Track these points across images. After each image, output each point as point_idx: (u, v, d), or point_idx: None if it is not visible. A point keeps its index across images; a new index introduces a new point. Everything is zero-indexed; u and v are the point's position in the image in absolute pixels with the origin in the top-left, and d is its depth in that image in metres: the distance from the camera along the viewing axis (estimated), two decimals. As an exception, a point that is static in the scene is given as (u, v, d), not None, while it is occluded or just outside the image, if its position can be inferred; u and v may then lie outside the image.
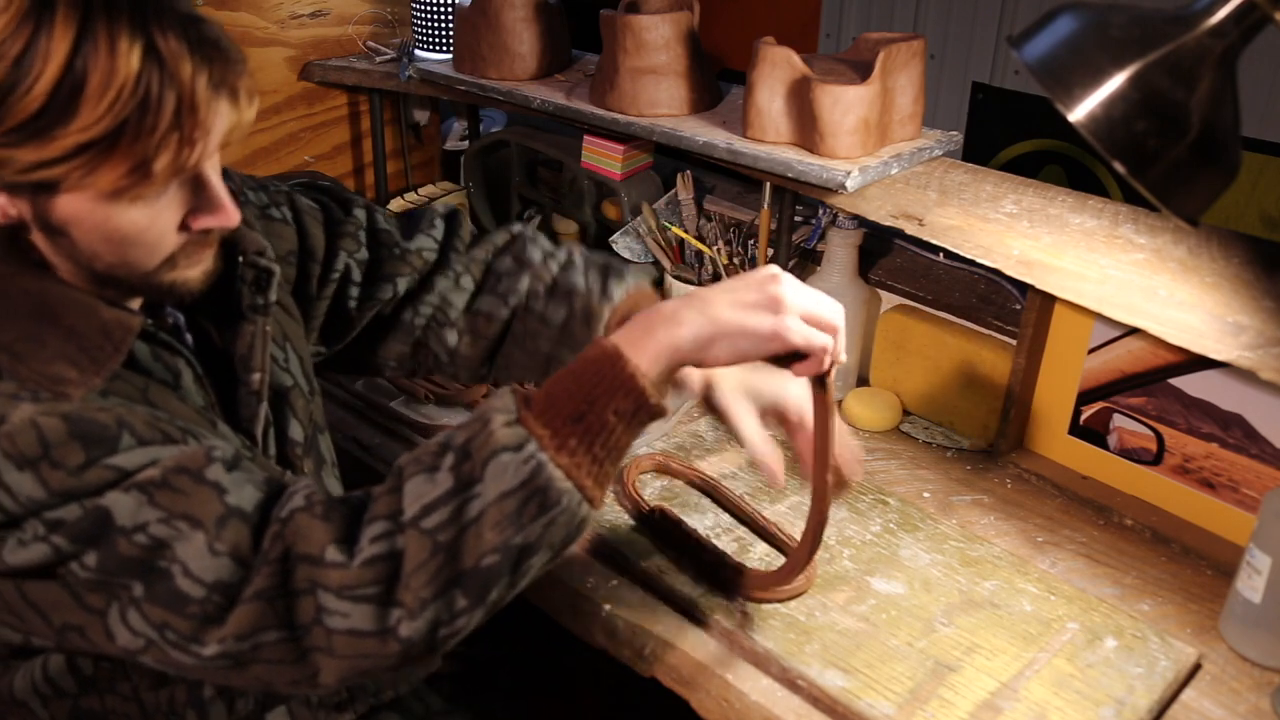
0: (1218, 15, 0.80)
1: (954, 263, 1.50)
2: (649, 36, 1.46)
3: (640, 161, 1.73)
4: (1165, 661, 1.00)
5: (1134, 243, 1.19)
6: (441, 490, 0.74)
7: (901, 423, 1.44)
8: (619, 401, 0.76)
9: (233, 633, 0.74)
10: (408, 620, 0.74)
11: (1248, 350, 1.03)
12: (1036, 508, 1.27)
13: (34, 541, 0.73)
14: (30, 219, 0.75)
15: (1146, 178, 0.81)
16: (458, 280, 1.10)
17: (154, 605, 0.74)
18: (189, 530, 0.74)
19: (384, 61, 1.85)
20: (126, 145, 0.70)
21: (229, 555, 0.75)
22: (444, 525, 0.74)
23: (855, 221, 1.42)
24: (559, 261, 1.10)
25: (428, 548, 0.74)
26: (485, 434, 0.75)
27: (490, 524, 0.74)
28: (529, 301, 1.07)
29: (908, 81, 1.37)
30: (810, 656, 1.00)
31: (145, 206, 0.75)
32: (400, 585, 0.74)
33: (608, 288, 1.06)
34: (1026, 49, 0.85)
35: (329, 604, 0.74)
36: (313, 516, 0.76)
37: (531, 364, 1.08)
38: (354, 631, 0.74)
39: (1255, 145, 2.09)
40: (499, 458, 0.74)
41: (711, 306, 0.80)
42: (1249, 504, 1.17)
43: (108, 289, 0.82)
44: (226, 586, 0.74)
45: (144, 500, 0.74)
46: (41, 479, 0.72)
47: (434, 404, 1.43)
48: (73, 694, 0.90)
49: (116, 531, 0.74)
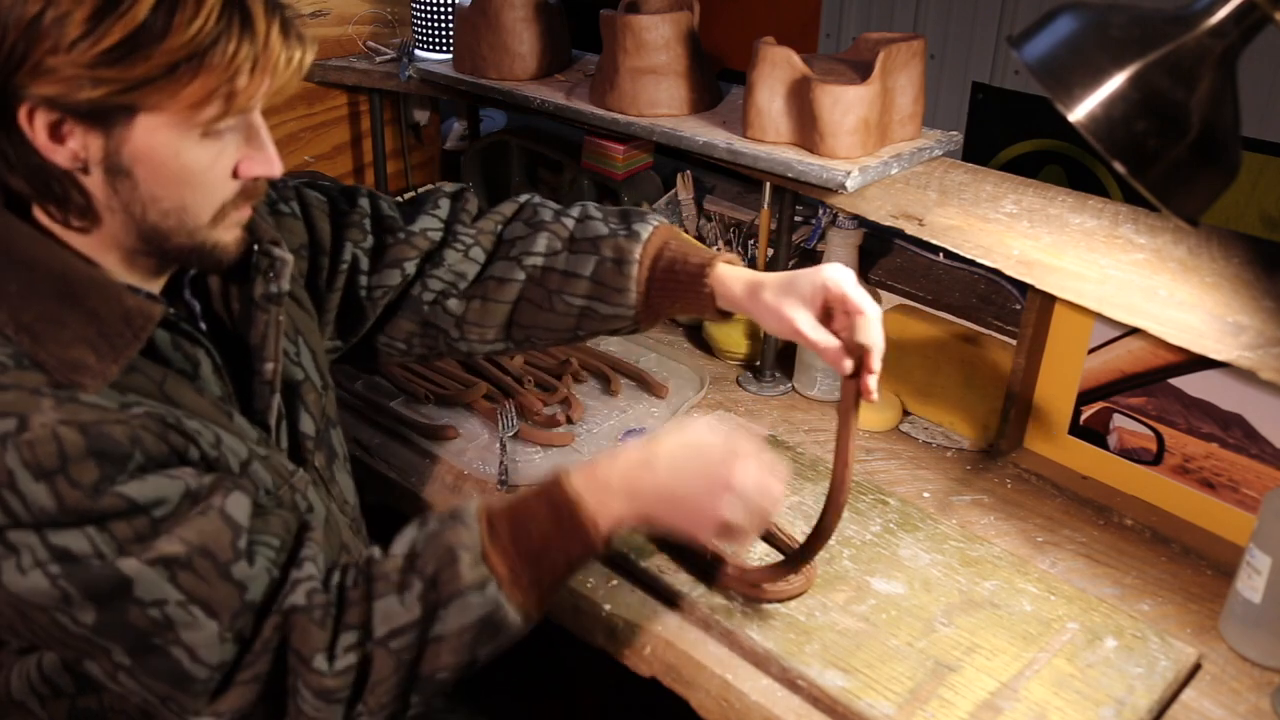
0: (1218, 15, 0.80)
1: (954, 263, 1.50)
2: (649, 36, 1.46)
3: (640, 161, 1.74)
4: (1165, 661, 1.00)
5: (1134, 243, 1.19)
6: (409, 619, 0.83)
7: (901, 423, 1.44)
8: (572, 547, 0.86)
9: (229, 708, 0.81)
10: (367, 716, 0.84)
11: (1248, 350, 1.03)
12: (1036, 508, 1.27)
13: (35, 569, 0.74)
14: (99, 159, 0.76)
15: (1146, 178, 0.81)
16: (467, 252, 1.11)
17: (154, 679, 0.79)
18: (204, 619, 0.78)
19: (384, 61, 1.85)
20: (210, 66, 0.74)
21: (234, 641, 0.80)
22: (408, 648, 0.83)
23: (855, 221, 1.42)
24: (574, 216, 1.12)
25: (392, 665, 0.83)
26: (452, 571, 0.84)
27: (448, 649, 0.84)
28: (549, 260, 1.09)
29: (908, 81, 1.37)
30: (810, 656, 1.00)
31: (210, 144, 0.79)
32: (366, 691, 0.83)
33: (632, 227, 1.08)
34: (1026, 49, 0.85)
35: (307, 698, 0.82)
36: (310, 620, 0.82)
37: (561, 323, 1.10)
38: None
39: (1255, 145, 2.09)
40: (463, 599, 0.83)
41: (668, 479, 0.88)
42: (1249, 504, 1.17)
43: (143, 258, 0.84)
44: (226, 666, 0.80)
45: (166, 577, 0.77)
46: (56, 493, 0.73)
47: (434, 404, 1.43)
48: (70, 693, 0.90)
49: (132, 601, 0.76)
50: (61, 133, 0.75)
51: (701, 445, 0.89)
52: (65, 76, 0.71)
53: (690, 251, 1.07)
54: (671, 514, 0.88)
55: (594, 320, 1.09)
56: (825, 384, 1.48)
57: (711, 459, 0.88)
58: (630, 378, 1.50)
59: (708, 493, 0.87)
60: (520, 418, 1.38)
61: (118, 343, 0.79)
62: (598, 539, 0.87)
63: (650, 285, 1.07)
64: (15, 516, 0.73)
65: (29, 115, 0.74)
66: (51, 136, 0.75)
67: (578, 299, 1.08)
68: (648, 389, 1.48)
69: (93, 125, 0.75)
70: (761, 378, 1.52)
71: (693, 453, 0.89)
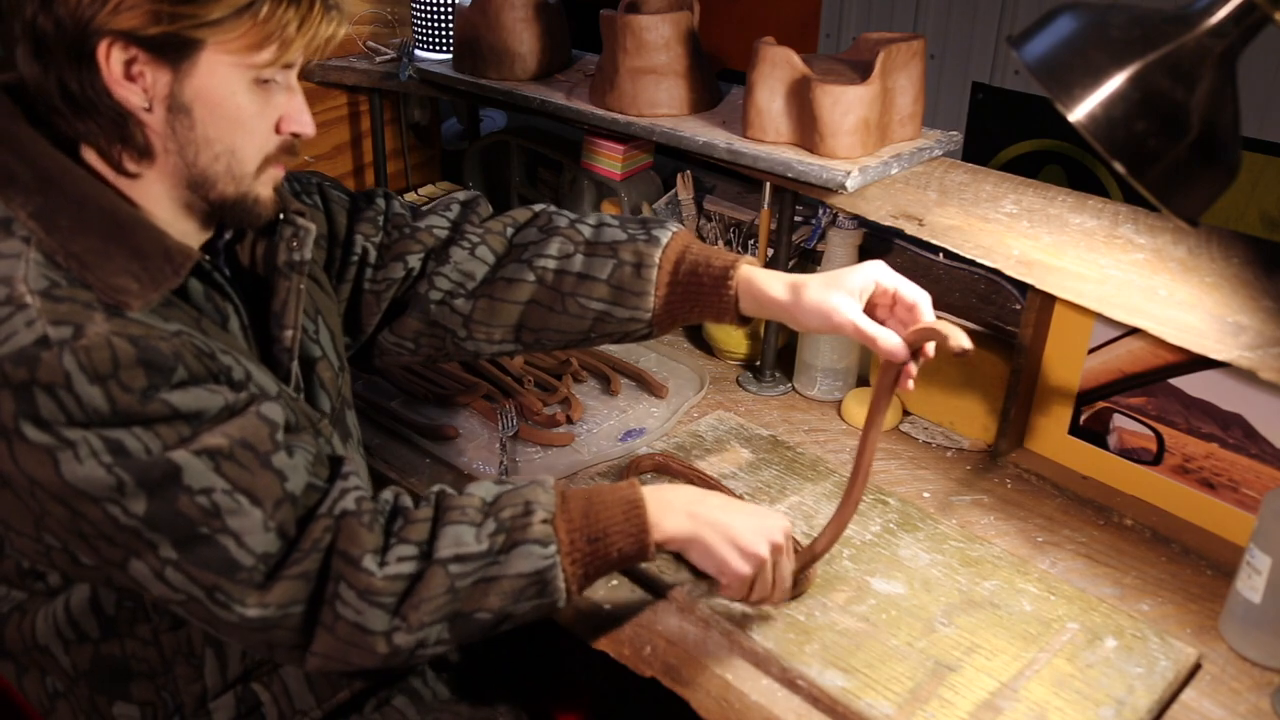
0: (1218, 15, 0.80)
1: (954, 263, 1.50)
2: (649, 36, 1.46)
3: (640, 161, 1.74)
4: (1165, 661, 1.00)
5: (1134, 243, 1.19)
6: (478, 549, 0.89)
7: (901, 423, 1.44)
8: (626, 543, 0.93)
9: (275, 600, 0.85)
10: (404, 633, 0.87)
11: (1248, 350, 1.03)
12: (1036, 508, 1.27)
13: (90, 458, 0.78)
14: (164, 96, 0.83)
15: (1146, 178, 0.81)
16: (474, 250, 1.14)
17: (202, 569, 0.83)
18: (249, 506, 0.83)
19: (384, 61, 1.85)
20: (270, 12, 0.82)
21: (277, 532, 0.85)
22: (465, 575, 0.88)
23: (855, 221, 1.42)
24: (590, 223, 1.15)
25: (444, 586, 0.87)
26: (525, 520, 0.90)
27: (498, 591, 0.89)
28: (562, 263, 1.11)
29: (908, 81, 1.37)
30: (810, 656, 1.00)
31: (259, 93, 0.87)
32: (409, 604, 0.87)
33: (652, 233, 1.11)
34: (1026, 49, 0.85)
35: (348, 598, 0.86)
36: (360, 524, 0.88)
37: (575, 325, 1.12)
38: (359, 626, 0.86)
39: (1255, 145, 2.09)
40: (528, 546, 0.89)
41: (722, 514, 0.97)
42: (1249, 504, 1.17)
43: (186, 210, 0.90)
44: (270, 559, 0.85)
45: (212, 467, 0.82)
46: (109, 395, 0.79)
47: (434, 404, 1.43)
48: (94, 638, 0.95)
49: (181, 489, 0.81)
50: (133, 71, 0.82)
51: (755, 518, 0.99)
52: (147, 10, 0.79)
53: (713, 255, 1.09)
54: (719, 544, 0.96)
55: (609, 323, 1.11)
56: (825, 384, 1.48)
57: (762, 513, 1.00)
58: (630, 378, 1.50)
59: (755, 533, 0.98)
60: (520, 418, 1.38)
61: (158, 275, 0.85)
62: (650, 543, 0.94)
63: (671, 290, 1.09)
64: (71, 415, 0.78)
65: (107, 52, 0.80)
66: (124, 74, 0.82)
67: (594, 302, 1.10)
68: (648, 389, 1.48)
69: (162, 61, 0.82)
70: (761, 378, 1.52)
71: (747, 506, 1.02)
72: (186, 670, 0.98)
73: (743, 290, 1.06)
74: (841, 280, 1.01)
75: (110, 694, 0.98)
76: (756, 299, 1.05)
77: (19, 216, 0.83)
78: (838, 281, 1.01)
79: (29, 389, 0.77)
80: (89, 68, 0.81)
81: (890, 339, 0.98)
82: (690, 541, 0.97)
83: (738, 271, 1.06)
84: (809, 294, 1.01)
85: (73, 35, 0.80)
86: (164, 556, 0.82)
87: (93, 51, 0.80)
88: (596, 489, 0.95)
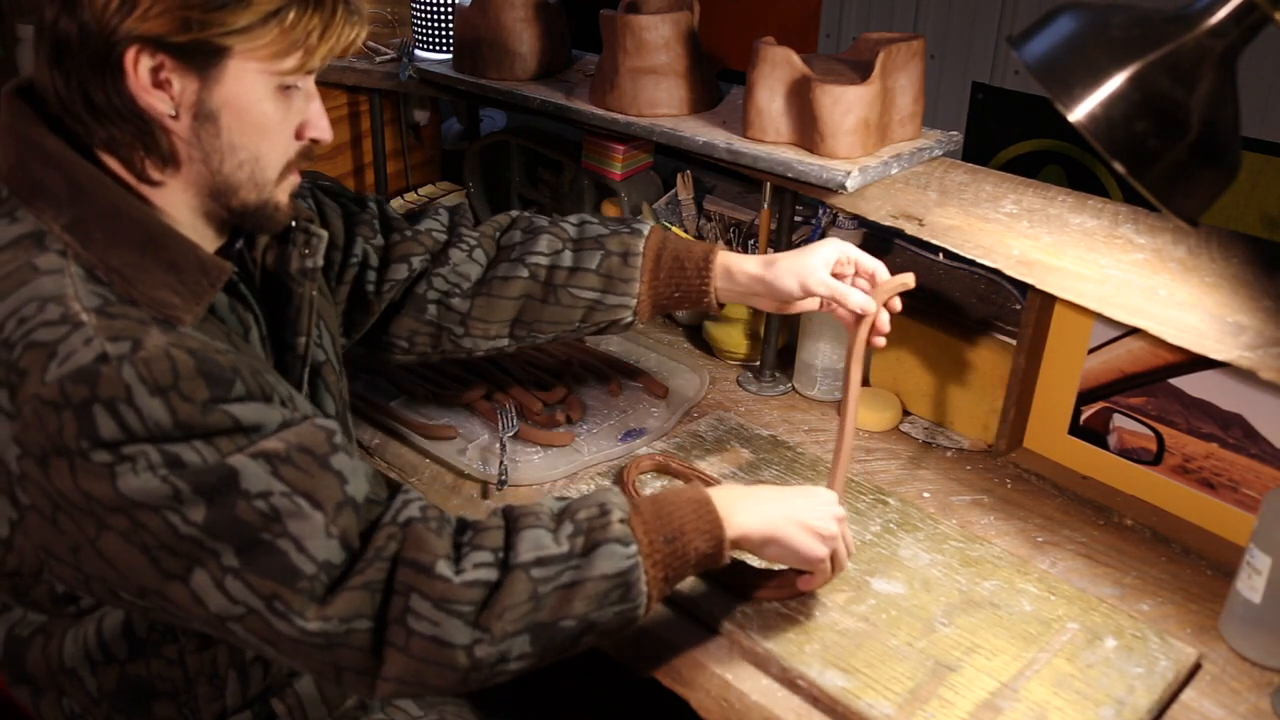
0: (1218, 15, 0.80)
1: (954, 263, 1.50)
2: (649, 36, 1.46)
3: (640, 161, 1.73)
4: (1165, 661, 1.00)
5: (1134, 243, 1.19)
6: (560, 551, 0.86)
7: (901, 423, 1.44)
8: (702, 541, 0.91)
9: (337, 613, 0.80)
10: (487, 645, 0.82)
11: (1248, 350, 1.03)
12: (1036, 508, 1.27)
13: (146, 471, 0.76)
14: (191, 104, 0.83)
15: (1146, 178, 0.81)
16: (471, 253, 1.20)
17: (262, 577, 0.79)
18: (310, 509, 0.80)
19: (384, 61, 1.85)
20: (296, 19, 0.83)
21: (339, 540, 0.81)
22: (549, 580, 0.84)
23: (855, 221, 1.42)
24: (572, 221, 1.22)
25: (528, 593, 0.83)
26: (604, 520, 0.88)
27: (582, 596, 0.85)
28: (554, 259, 1.18)
29: (908, 81, 1.37)
30: (810, 656, 1.00)
31: (282, 100, 0.87)
32: (490, 613, 0.83)
33: (632, 226, 1.21)
34: (1026, 49, 0.85)
35: (422, 610, 0.81)
36: (428, 530, 0.84)
37: (567, 316, 1.19)
38: (437, 640, 0.81)
39: (1255, 145, 2.09)
40: (610, 546, 0.86)
41: (783, 504, 0.97)
42: (1249, 504, 1.17)
43: (206, 218, 0.90)
44: (333, 568, 0.81)
45: (269, 470, 0.80)
46: (170, 407, 0.77)
47: (434, 404, 1.43)
48: (121, 659, 0.93)
49: (239, 494, 0.78)
50: (160, 78, 0.81)
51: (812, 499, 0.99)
52: (177, 17, 0.78)
53: (692, 244, 1.19)
54: (797, 535, 0.96)
55: (599, 312, 1.19)
56: (825, 384, 1.48)
57: (809, 491, 1.00)
58: (630, 378, 1.50)
59: (820, 512, 0.98)
60: (520, 418, 1.38)
61: (195, 289, 0.85)
62: (725, 541, 0.92)
63: (655, 276, 1.18)
64: (132, 431, 0.76)
65: (135, 59, 0.79)
66: (151, 81, 0.81)
67: (586, 291, 1.18)
68: (648, 389, 1.48)
69: (190, 68, 0.81)
70: (761, 378, 1.52)
71: (792, 489, 1.01)
72: (208, 690, 0.95)
73: (720, 274, 1.17)
74: (810, 252, 1.14)
75: (131, 714, 0.95)
76: (733, 278, 1.17)
77: (52, 229, 0.82)
78: (807, 253, 1.14)
79: (89, 408, 0.75)
80: (114, 74, 0.80)
81: (860, 295, 1.12)
82: (768, 539, 0.95)
83: (717, 257, 1.17)
84: (783, 264, 1.14)
85: (98, 41, 0.79)
86: (225, 565, 0.78)
87: (120, 58, 0.79)
88: (661, 493, 0.94)
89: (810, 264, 1.12)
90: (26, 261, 0.81)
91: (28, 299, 0.79)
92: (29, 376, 0.77)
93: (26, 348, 0.77)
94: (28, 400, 0.76)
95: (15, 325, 0.78)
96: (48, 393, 0.76)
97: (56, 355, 0.77)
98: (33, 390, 0.76)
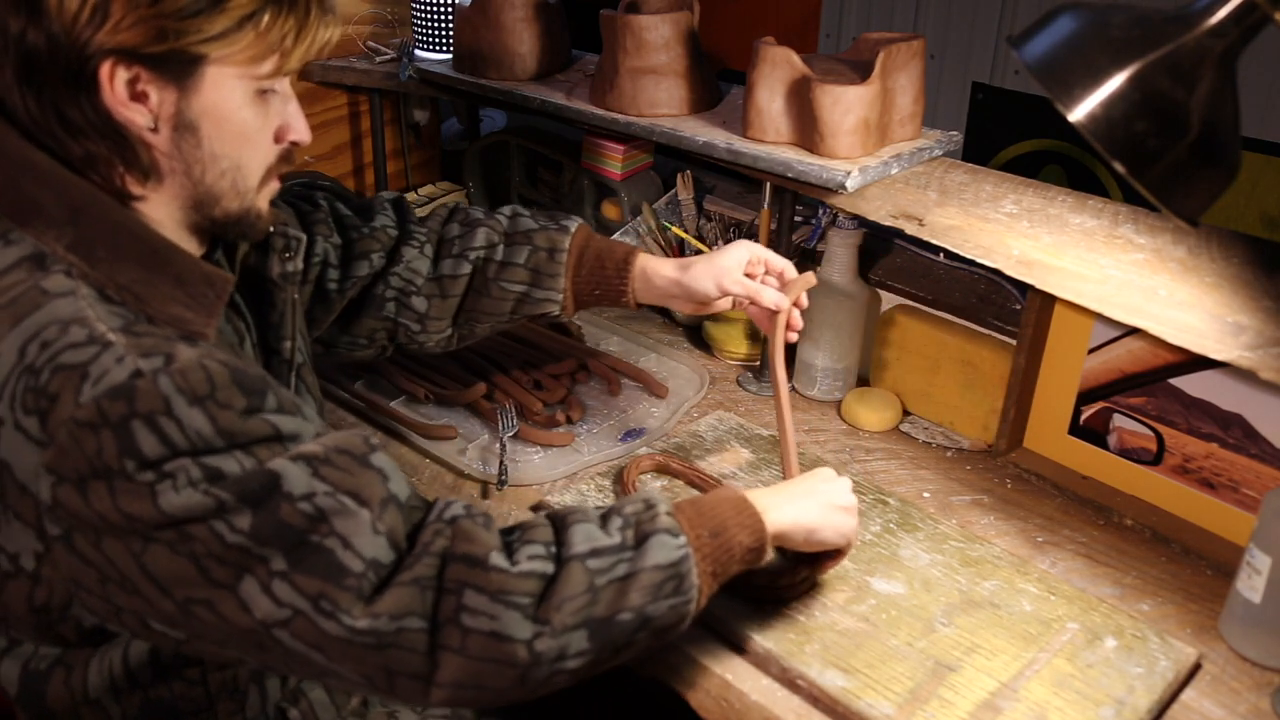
0: (1218, 15, 0.80)
1: (954, 263, 1.50)
2: (649, 36, 1.46)
3: (640, 161, 1.74)
4: (1165, 661, 1.00)
5: (1134, 243, 1.19)
6: (613, 542, 0.85)
7: (901, 423, 1.44)
8: (744, 535, 0.91)
9: (386, 610, 0.76)
10: (548, 638, 0.79)
11: (1248, 350, 1.03)
12: (1036, 508, 1.27)
13: (187, 487, 0.74)
14: (170, 115, 0.82)
15: (1146, 178, 0.81)
16: (422, 249, 1.22)
17: (309, 576, 0.76)
18: (355, 507, 0.78)
19: (384, 61, 1.85)
20: (271, 22, 0.82)
21: (386, 537, 0.79)
22: (604, 571, 0.82)
23: (855, 221, 1.42)
24: (505, 214, 1.26)
25: (585, 584, 0.81)
26: (651, 513, 0.87)
27: (637, 587, 0.83)
28: (489, 252, 1.22)
29: (908, 81, 1.37)
30: (810, 656, 1.00)
31: (261, 105, 0.86)
32: (549, 604, 0.80)
33: (560, 223, 1.24)
34: (1026, 49, 0.85)
35: (478, 605, 0.78)
36: (475, 524, 0.82)
37: (498, 308, 1.23)
38: (496, 635, 0.78)
39: (1255, 145, 2.09)
40: (661, 537, 0.85)
41: (810, 493, 0.99)
42: (1249, 504, 1.17)
43: (188, 230, 0.89)
44: (381, 567, 0.78)
45: (311, 472, 0.78)
46: (210, 416, 0.75)
47: (434, 404, 1.43)
48: (145, 684, 0.89)
49: (283, 497, 0.76)
50: (137, 90, 0.80)
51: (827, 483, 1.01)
52: (151, 27, 0.77)
53: (615, 244, 1.24)
54: (834, 516, 0.98)
55: (528, 304, 1.23)
56: (825, 384, 1.48)
57: (814, 474, 1.03)
58: (630, 378, 1.50)
59: (838, 489, 1.01)
60: (520, 418, 1.38)
61: (204, 302, 0.84)
62: (767, 535, 0.93)
63: (578, 273, 1.23)
64: (174, 444, 0.74)
65: (110, 72, 0.78)
66: (128, 94, 0.79)
67: (515, 285, 1.22)
68: (648, 389, 1.48)
69: (167, 79, 0.80)
70: (761, 378, 1.52)
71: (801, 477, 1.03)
72: (229, 705, 0.93)
73: (638, 275, 1.22)
74: (724, 254, 1.18)
75: None
76: (650, 280, 1.21)
77: (55, 251, 0.80)
78: (721, 255, 1.19)
79: (128, 424, 0.73)
80: (89, 89, 0.78)
81: (773, 293, 1.17)
82: (810, 530, 0.97)
83: (636, 259, 1.22)
84: (698, 267, 1.18)
85: (70, 54, 0.77)
86: (274, 569, 0.75)
87: (94, 72, 0.77)
88: (697, 495, 0.95)
89: (725, 265, 1.17)
90: (33, 285, 0.79)
91: (46, 322, 0.77)
92: (61, 400, 0.74)
93: (55, 371, 0.75)
94: (62, 424, 0.74)
95: (39, 350, 0.76)
96: (84, 414, 0.73)
97: (89, 376, 0.74)
98: (67, 414, 0.74)
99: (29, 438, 0.75)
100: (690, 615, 0.87)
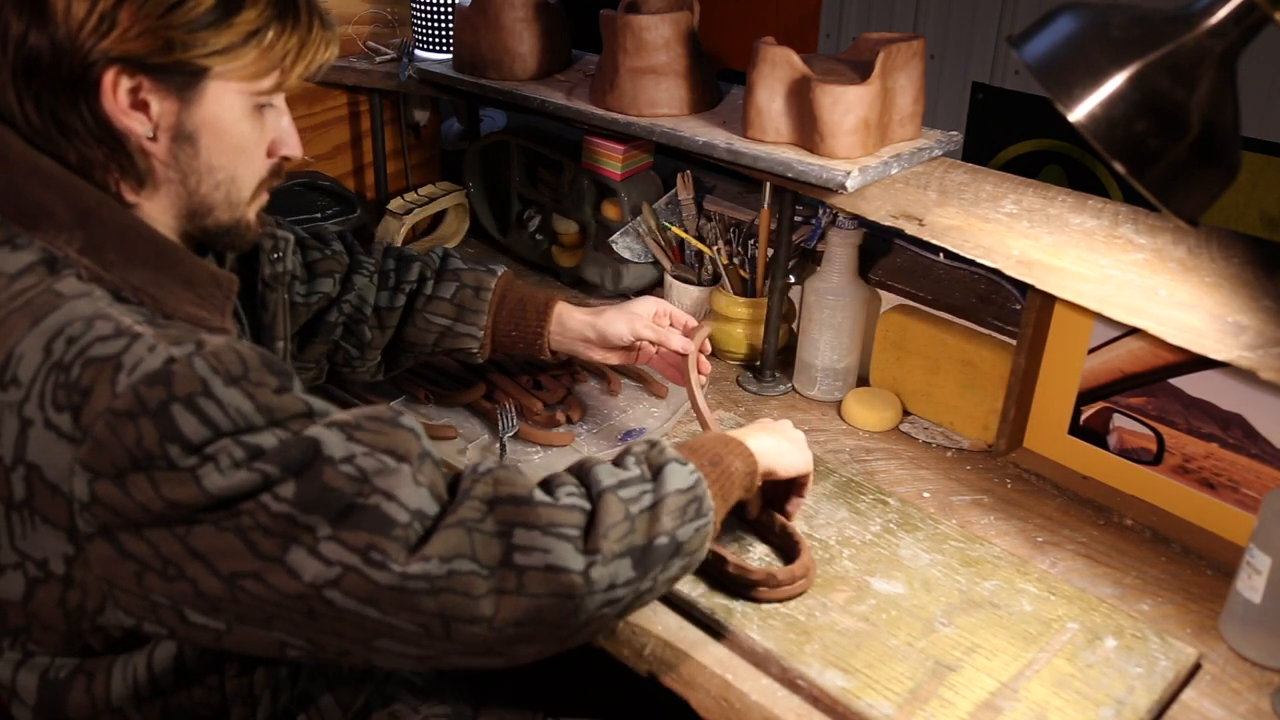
0: (1218, 15, 0.80)
1: (954, 263, 1.50)
2: (649, 36, 1.46)
3: (640, 161, 1.73)
4: (1165, 661, 1.00)
5: (1134, 243, 1.19)
6: (635, 474, 0.89)
7: (901, 423, 1.44)
8: (737, 461, 0.98)
9: (436, 553, 0.77)
10: (600, 565, 0.81)
11: (1248, 350, 1.03)
12: (1036, 508, 1.27)
13: (232, 469, 0.74)
14: (170, 125, 0.83)
15: (1146, 178, 0.81)
16: (371, 278, 1.26)
17: (356, 531, 0.75)
18: (394, 463, 0.79)
19: (384, 61, 1.85)
20: (275, 39, 0.84)
21: (429, 489, 0.80)
22: (635, 500, 0.86)
23: (855, 221, 1.42)
24: (437, 254, 1.32)
25: (622, 512, 0.85)
26: (658, 449, 0.92)
27: (666, 511, 0.87)
28: (420, 285, 1.28)
29: (908, 81, 1.37)
30: (810, 656, 1.00)
31: (257, 120, 0.88)
32: (595, 534, 0.82)
33: (488, 266, 1.32)
34: (1026, 49, 0.85)
35: (529, 541, 0.80)
36: (511, 472, 0.85)
37: (422, 339, 1.29)
38: (552, 567, 0.79)
39: (1255, 145, 2.09)
40: (673, 465, 0.90)
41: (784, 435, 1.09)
42: (1249, 504, 1.17)
43: (183, 238, 0.90)
44: (426, 516, 0.78)
45: (346, 437, 0.78)
46: (248, 394, 0.76)
47: (434, 404, 1.43)
48: (166, 692, 0.88)
49: (325, 461, 0.76)
50: (139, 99, 0.81)
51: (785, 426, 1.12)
52: (158, 38, 0.78)
53: (537, 291, 1.32)
54: (796, 443, 1.09)
55: (449, 338, 1.28)
56: (825, 384, 1.48)
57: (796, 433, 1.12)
58: (630, 378, 1.50)
59: (788, 426, 1.12)
60: (520, 418, 1.38)
61: (214, 302, 0.86)
62: (754, 458, 1.01)
63: (499, 314, 1.29)
64: (216, 425, 0.74)
65: (113, 80, 0.79)
66: (130, 103, 0.80)
67: (440, 318, 1.27)
68: (648, 389, 1.48)
69: (169, 90, 0.81)
70: (761, 378, 1.52)
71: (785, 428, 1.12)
72: (242, 710, 0.93)
73: (555, 321, 1.29)
74: (635, 304, 1.30)
75: None
76: (565, 324, 1.29)
77: (67, 254, 0.80)
78: (633, 305, 1.29)
79: (167, 409, 0.73)
80: (90, 95, 0.79)
81: (680, 338, 1.28)
82: (781, 450, 1.06)
83: (555, 306, 1.30)
84: (611, 313, 1.28)
85: (72, 60, 0.77)
86: (320, 535, 0.75)
87: (96, 79, 0.78)
88: (683, 440, 1.02)
89: (637, 312, 1.28)
90: (47, 288, 0.78)
91: (68, 320, 0.76)
92: (95, 393, 0.73)
93: (87, 364, 0.74)
94: (98, 417, 0.73)
95: (65, 345, 0.75)
96: (121, 403, 0.73)
97: (123, 366, 0.74)
98: (103, 405, 0.73)
99: (61, 435, 0.74)
100: (709, 536, 0.92)
